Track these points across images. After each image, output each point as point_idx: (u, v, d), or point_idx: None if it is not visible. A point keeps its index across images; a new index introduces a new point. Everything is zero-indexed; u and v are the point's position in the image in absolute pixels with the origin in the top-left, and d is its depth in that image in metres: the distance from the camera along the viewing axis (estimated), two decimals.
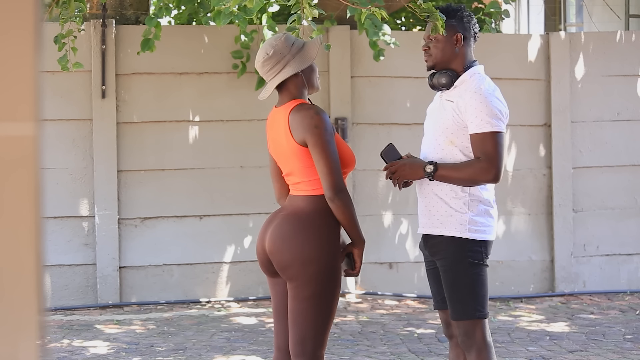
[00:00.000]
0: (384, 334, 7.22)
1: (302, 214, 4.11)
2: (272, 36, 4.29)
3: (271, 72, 4.15)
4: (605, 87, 8.61)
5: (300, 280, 4.07)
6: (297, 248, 4.07)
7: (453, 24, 4.45)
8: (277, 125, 4.18)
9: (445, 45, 4.45)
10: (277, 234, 4.12)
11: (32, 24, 1.61)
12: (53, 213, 7.96)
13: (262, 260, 4.25)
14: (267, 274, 4.28)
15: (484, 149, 4.29)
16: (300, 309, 4.09)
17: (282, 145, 4.16)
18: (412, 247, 8.36)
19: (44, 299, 1.64)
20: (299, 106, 4.11)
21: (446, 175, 4.32)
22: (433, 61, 4.48)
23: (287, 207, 4.20)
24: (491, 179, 4.30)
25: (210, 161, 8.23)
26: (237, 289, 8.27)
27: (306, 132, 4.05)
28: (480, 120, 4.30)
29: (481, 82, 4.40)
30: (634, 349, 6.78)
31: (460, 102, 4.37)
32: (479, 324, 4.38)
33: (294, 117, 4.08)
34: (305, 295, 4.07)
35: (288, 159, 4.16)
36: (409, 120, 8.35)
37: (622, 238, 8.63)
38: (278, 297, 4.25)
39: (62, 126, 8.02)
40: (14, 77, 1.61)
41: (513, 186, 8.51)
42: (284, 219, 4.14)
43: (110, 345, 6.90)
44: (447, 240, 4.37)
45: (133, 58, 8.08)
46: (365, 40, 8.11)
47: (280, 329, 4.27)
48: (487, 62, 8.46)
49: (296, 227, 4.09)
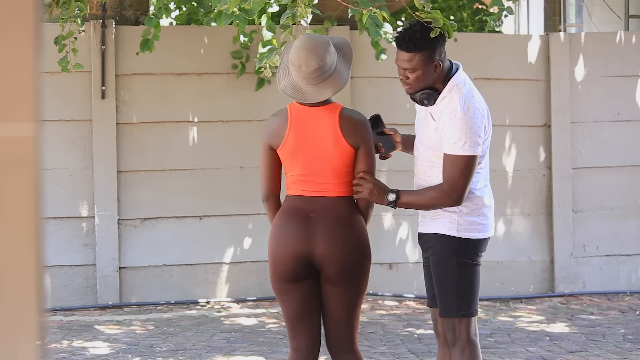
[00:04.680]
0: (383, 335, 7.22)
1: (349, 214, 4.27)
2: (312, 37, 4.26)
3: (319, 78, 4.19)
4: (605, 87, 8.61)
5: (358, 277, 4.28)
6: (359, 248, 4.27)
7: (428, 54, 4.31)
8: (320, 124, 4.23)
9: (426, 75, 4.34)
10: (335, 236, 4.23)
11: (32, 24, 1.61)
12: (53, 213, 7.96)
13: (294, 265, 4.25)
14: (291, 279, 4.28)
15: (450, 173, 4.31)
16: (353, 306, 4.32)
17: (325, 145, 4.22)
18: (412, 248, 8.36)
19: (44, 300, 1.65)
20: (346, 110, 4.29)
21: (408, 201, 4.38)
22: (414, 89, 4.39)
23: (321, 208, 4.24)
24: (452, 203, 4.34)
25: (210, 161, 8.23)
26: (236, 289, 8.27)
27: (362, 137, 4.24)
28: (453, 143, 4.29)
29: (458, 100, 4.33)
30: (634, 350, 6.79)
31: (440, 122, 4.36)
32: (464, 322, 4.42)
33: (347, 121, 4.24)
34: (357, 291, 4.30)
35: (329, 159, 4.23)
36: (409, 120, 8.30)
37: (621, 238, 8.63)
38: (302, 301, 4.30)
39: (62, 127, 8.02)
40: (14, 78, 1.61)
41: (513, 187, 8.51)
42: (333, 220, 4.24)
43: (110, 345, 6.90)
44: (437, 238, 4.43)
45: (133, 59, 8.08)
46: (365, 41, 8.10)
47: (304, 331, 4.34)
48: (487, 62, 8.48)
49: (351, 227, 4.25)
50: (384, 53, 7.71)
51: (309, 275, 4.28)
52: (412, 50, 4.32)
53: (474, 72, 7.38)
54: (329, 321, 4.35)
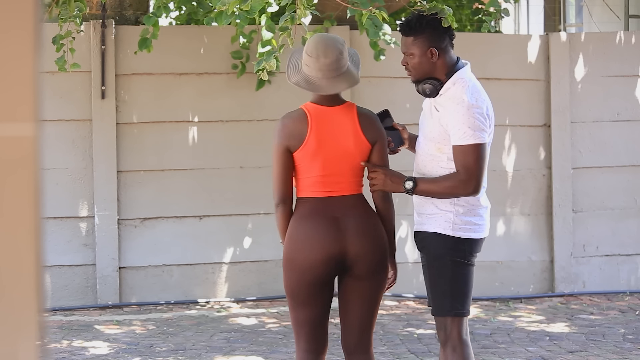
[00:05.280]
0: (383, 335, 7.22)
1: (370, 210, 4.34)
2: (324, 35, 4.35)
3: (335, 72, 4.26)
4: (605, 87, 8.61)
5: (382, 275, 4.33)
6: (385, 244, 4.33)
7: (422, 39, 4.44)
8: (340, 124, 4.28)
9: (421, 60, 4.46)
10: (366, 233, 4.27)
11: (32, 24, 1.61)
12: (53, 213, 7.96)
13: (327, 267, 4.24)
14: (321, 283, 4.27)
15: (464, 162, 4.34)
16: (375, 303, 4.36)
17: (346, 144, 4.27)
18: (412, 247, 8.36)
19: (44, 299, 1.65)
20: (361, 108, 4.39)
21: (426, 189, 4.39)
22: (415, 76, 4.51)
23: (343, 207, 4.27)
24: (470, 192, 4.36)
25: (210, 161, 8.23)
26: (236, 289, 8.27)
27: (379, 133, 4.36)
28: (463, 132, 4.33)
29: (464, 91, 4.39)
30: (634, 349, 6.79)
31: (444, 113, 4.40)
32: (456, 322, 4.44)
33: (365, 118, 4.34)
34: (381, 287, 4.35)
35: (349, 157, 4.28)
36: (409, 120, 8.31)
37: (621, 238, 8.63)
38: (324, 304, 4.31)
39: (62, 126, 8.02)
40: (13, 78, 1.61)
41: (513, 186, 8.51)
42: (361, 218, 4.28)
43: (110, 345, 6.91)
44: (431, 237, 4.45)
45: (133, 58, 8.08)
46: (365, 41, 8.10)
47: (320, 333, 4.35)
48: (487, 62, 8.48)
49: (375, 224, 4.31)
50: (383, 54, 7.71)
51: (334, 277, 4.31)
52: (408, 34, 4.46)
53: (474, 72, 7.35)
54: (351, 321, 4.35)
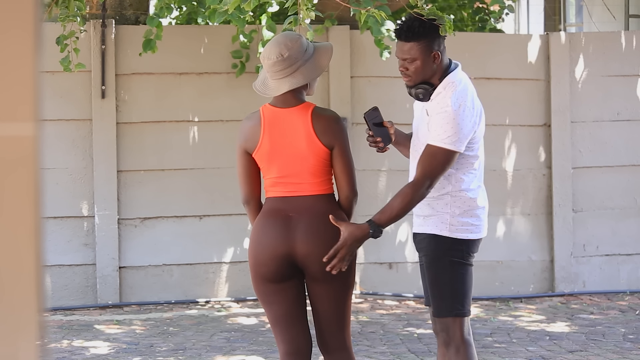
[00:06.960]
0: (383, 334, 7.22)
1: (329, 212, 4.20)
2: (286, 34, 4.24)
3: (280, 73, 4.18)
4: (605, 87, 8.61)
5: (343, 273, 4.20)
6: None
7: (426, 43, 4.36)
8: (292, 126, 4.20)
9: (425, 65, 4.37)
10: (316, 234, 4.18)
11: (32, 24, 1.61)
12: (53, 213, 7.96)
13: (277, 265, 4.20)
14: (276, 279, 4.23)
15: (429, 162, 4.29)
16: (342, 303, 4.28)
17: (299, 147, 4.18)
18: (412, 247, 8.35)
19: (44, 299, 1.65)
20: (319, 109, 4.24)
21: (387, 218, 4.27)
22: (414, 81, 4.42)
23: (300, 207, 4.20)
24: (421, 193, 4.28)
25: (210, 161, 8.23)
26: (236, 289, 8.27)
27: (336, 137, 4.21)
28: (438, 134, 4.30)
29: (449, 96, 4.34)
30: (634, 349, 6.78)
31: (432, 118, 4.38)
32: (458, 322, 4.44)
33: (320, 121, 4.19)
34: (345, 287, 4.26)
35: (303, 160, 4.19)
36: (409, 120, 8.27)
37: (621, 238, 8.63)
38: (289, 302, 4.26)
39: (62, 126, 8.02)
40: (13, 78, 1.61)
41: (513, 186, 8.51)
42: (314, 219, 4.18)
43: (110, 345, 6.91)
44: (429, 238, 4.45)
45: (133, 58, 8.08)
46: (365, 40, 8.10)
47: (294, 334, 4.28)
48: (487, 62, 8.48)
49: (330, 225, 4.17)
50: (389, 50, 7.69)
51: (293, 276, 4.23)
52: (410, 40, 4.36)
53: (474, 72, 7.37)
54: (319, 320, 4.31)
